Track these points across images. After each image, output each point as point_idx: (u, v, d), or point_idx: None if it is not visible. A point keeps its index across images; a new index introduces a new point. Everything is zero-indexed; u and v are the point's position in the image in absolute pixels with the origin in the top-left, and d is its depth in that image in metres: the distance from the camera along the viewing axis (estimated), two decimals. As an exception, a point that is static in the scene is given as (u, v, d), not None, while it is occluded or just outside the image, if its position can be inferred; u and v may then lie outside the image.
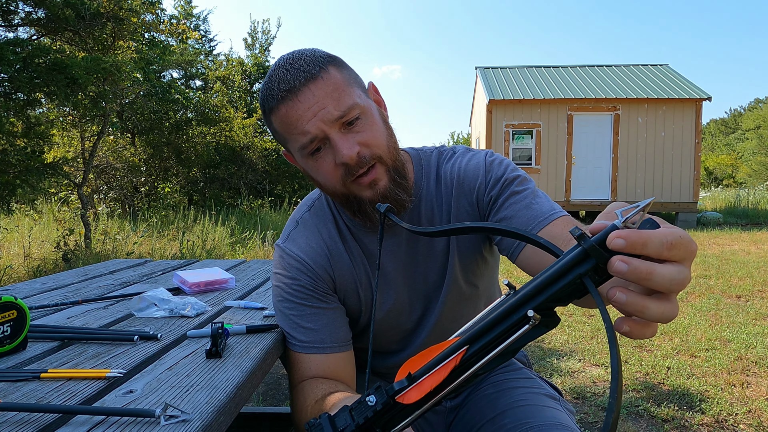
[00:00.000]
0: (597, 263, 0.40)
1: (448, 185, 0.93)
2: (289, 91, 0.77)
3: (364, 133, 0.80)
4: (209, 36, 16.28)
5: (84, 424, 0.62)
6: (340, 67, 0.82)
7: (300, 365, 0.91)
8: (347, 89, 0.79)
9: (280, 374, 2.75)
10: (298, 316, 0.91)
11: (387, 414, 0.49)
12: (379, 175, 0.82)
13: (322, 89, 0.77)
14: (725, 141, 43.60)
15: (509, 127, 12.30)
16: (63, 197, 8.49)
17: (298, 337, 0.91)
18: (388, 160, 0.83)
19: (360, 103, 0.79)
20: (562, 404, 0.98)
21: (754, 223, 11.35)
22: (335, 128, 0.78)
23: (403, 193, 0.85)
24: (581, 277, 0.41)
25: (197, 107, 10.83)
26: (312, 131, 0.78)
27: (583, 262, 0.40)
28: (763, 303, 4.14)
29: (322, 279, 0.92)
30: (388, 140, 0.83)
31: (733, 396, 2.39)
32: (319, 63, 0.79)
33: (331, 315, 0.92)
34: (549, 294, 0.42)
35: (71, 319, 1.12)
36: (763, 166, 30.30)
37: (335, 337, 0.91)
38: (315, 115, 0.77)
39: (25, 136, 5.56)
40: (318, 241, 0.93)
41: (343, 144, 0.78)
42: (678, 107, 11.92)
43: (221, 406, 0.67)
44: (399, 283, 0.95)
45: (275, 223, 8.14)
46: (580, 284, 0.41)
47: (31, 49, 4.98)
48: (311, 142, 0.79)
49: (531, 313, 0.42)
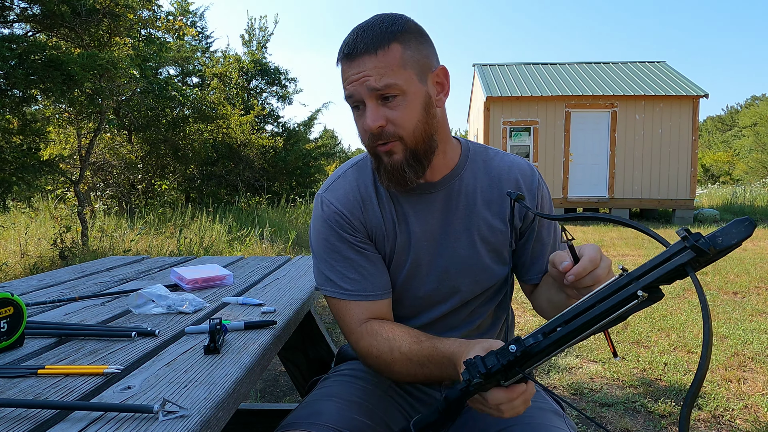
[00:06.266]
0: (696, 256, 0.55)
1: (495, 178, 1.02)
2: (349, 54, 0.88)
3: (395, 111, 0.88)
4: (206, 33, 16.17)
5: (81, 420, 0.61)
6: (408, 47, 0.88)
7: (350, 312, 0.97)
8: (397, 70, 0.86)
9: (279, 371, 2.75)
10: (342, 265, 0.98)
11: (523, 359, 0.67)
12: (395, 150, 0.90)
13: (373, 62, 0.86)
14: (722, 138, 43.68)
15: (507, 124, 12.30)
16: (60, 194, 8.46)
17: (343, 286, 0.97)
18: (410, 143, 0.90)
19: (401, 85, 0.87)
20: (567, 422, 0.96)
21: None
22: (372, 98, 0.87)
23: (411, 173, 0.92)
24: (684, 266, 0.56)
25: (194, 104, 10.78)
26: (353, 93, 0.88)
27: (683, 252, 0.56)
28: (759, 299, 4.16)
29: (357, 229, 0.99)
30: (417, 125, 0.90)
31: (730, 392, 2.40)
32: (386, 39, 0.86)
33: (371, 263, 0.98)
34: (657, 275, 0.58)
35: (68, 315, 1.11)
36: (759, 163, 30.38)
37: (377, 284, 0.98)
38: (357, 81, 0.87)
39: (21, 133, 5.53)
40: (354, 193, 1.00)
41: (371, 114, 0.87)
42: (675, 104, 11.93)
43: (219, 401, 0.67)
44: (420, 250, 1.00)
45: (273, 220, 8.13)
46: (678, 271, 0.57)
47: (27, 45, 4.94)
48: (351, 99, 0.90)
49: (640, 293, 0.58)
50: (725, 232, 0.55)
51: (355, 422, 0.91)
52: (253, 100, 14.20)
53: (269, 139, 12.73)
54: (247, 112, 12.68)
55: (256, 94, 14.63)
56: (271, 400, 2.44)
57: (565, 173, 12.13)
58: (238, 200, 10.65)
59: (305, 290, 1.36)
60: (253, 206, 10.32)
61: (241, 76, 13.99)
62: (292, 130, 14.60)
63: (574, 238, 0.74)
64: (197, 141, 11.01)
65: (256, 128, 13.08)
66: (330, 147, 15.65)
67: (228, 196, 11.95)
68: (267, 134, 13.62)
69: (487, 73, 13.91)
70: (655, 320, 3.59)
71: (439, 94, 0.94)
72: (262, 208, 10.15)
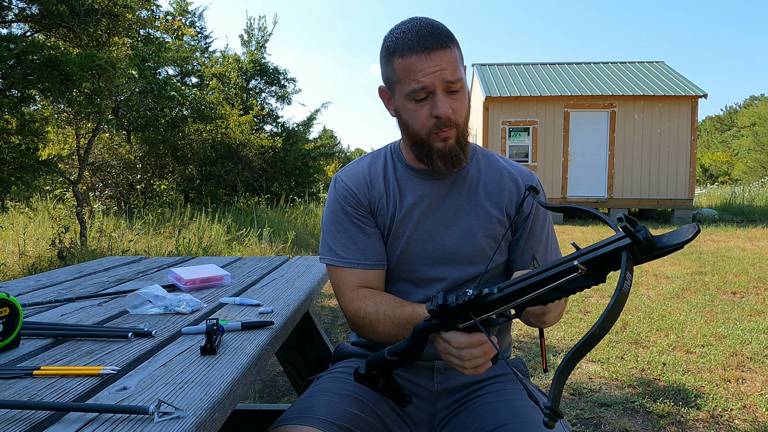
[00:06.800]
0: (632, 243, 0.60)
1: (497, 174, 1.13)
2: (426, 47, 0.96)
3: (457, 102, 1.01)
4: (205, 33, 16.15)
5: (76, 422, 0.61)
6: (458, 48, 1.02)
7: (344, 279, 1.08)
8: (459, 66, 1.00)
9: (277, 371, 2.75)
10: (342, 235, 1.10)
11: (476, 303, 0.75)
12: (452, 135, 1.03)
13: (448, 58, 0.97)
14: (721, 138, 43.71)
15: (506, 124, 12.30)
16: (58, 195, 8.44)
17: (340, 254, 1.09)
18: (462, 129, 1.04)
19: (464, 80, 1.02)
20: (562, 420, 0.98)
21: (749, 220, 11.40)
22: (442, 89, 0.99)
23: (461, 154, 1.05)
24: (621, 250, 0.61)
25: (193, 104, 10.75)
26: (428, 84, 0.97)
27: (621, 239, 0.61)
28: (758, 299, 4.16)
29: (360, 203, 1.11)
30: (467, 116, 1.05)
31: (729, 392, 2.40)
32: (451, 38, 0.99)
33: (367, 237, 1.09)
34: (594, 255, 0.63)
35: (65, 316, 1.11)
36: (758, 163, 30.41)
37: (369, 256, 1.09)
38: (435, 73, 0.97)
39: (19, 133, 5.51)
40: (364, 173, 1.13)
41: (443, 103, 0.99)
42: (674, 104, 11.94)
43: (215, 402, 0.67)
44: (419, 226, 1.09)
45: (272, 220, 8.12)
46: (618, 258, 0.62)
47: (25, 45, 4.93)
48: (422, 90, 0.98)
49: (577, 263, 0.64)
50: (673, 234, 0.61)
51: (347, 414, 0.93)
52: (252, 100, 14.19)
53: (268, 139, 12.71)
54: (246, 112, 12.66)
55: (255, 94, 14.62)
56: (270, 400, 2.43)
57: (564, 173, 12.13)
58: (237, 200, 10.65)
59: (303, 290, 1.35)
60: (252, 206, 10.31)
61: (240, 76, 13.98)
62: (291, 130, 14.59)
63: None
64: (196, 141, 11.00)
65: (255, 128, 13.07)
66: (329, 147, 15.65)
67: (227, 196, 11.94)
68: (266, 134, 13.59)
69: (486, 73, 13.91)
70: (654, 320, 3.59)
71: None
72: (261, 208, 10.15)
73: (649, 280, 4.96)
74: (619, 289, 0.58)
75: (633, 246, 0.61)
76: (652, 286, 4.70)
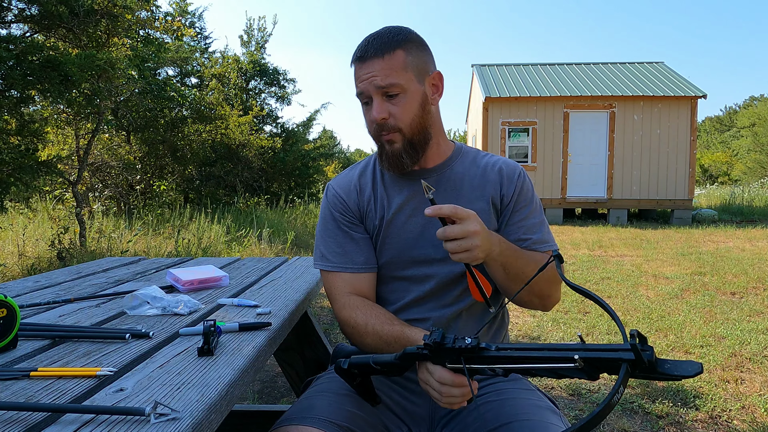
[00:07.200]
0: (635, 360, 0.62)
1: (481, 169, 1.14)
2: (360, 57, 1.04)
3: (396, 107, 1.03)
4: (205, 33, 16.14)
5: (73, 423, 0.61)
6: (409, 53, 1.04)
7: (335, 283, 1.11)
8: (399, 72, 1.02)
9: (276, 372, 2.75)
10: (332, 239, 1.13)
11: (470, 353, 0.76)
12: (395, 139, 1.05)
13: (380, 65, 1.01)
14: (720, 138, 43.71)
15: (505, 125, 12.30)
16: (58, 195, 8.44)
17: (330, 258, 1.12)
18: (408, 134, 1.05)
19: (402, 84, 1.02)
20: (563, 420, 0.98)
21: (748, 220, 11.40)
22: (378, 94, 1.03)
23: (407, 159, 1.07)
24: (620, 360, 0.64)
25: (193, 105, 10.75)
26: (363, 90, 1.04)
27: (626, 351, 0.63)
28: (757, 299, 4.16)
29: (349, 210, 1.14)
30: (414, 119, 1.05)
31: (727, 392, 2.40)
32: (392, 46, 1.02)
33: (354, 242, 1.12)
34: (596, 356, 0.66)
35: (63, 317, 1.11)
36: (757, 163, 30.41)
37: (356, 260, 1.11)
38: (367, 80, 1.03)
39: (18, 133, 5.51)
40: (354, 181, 1.17)
41: (377, 108, 1.03)
42: (673, 105, 11.94)
43: (212, 403, 0.67)
44: (406, 226, 1.10)
45: (272, 221, 8.12)
46: (616, 366, 0.64)
47: (25, 46, 4.93)
48: (362, 95, 1.06)
49: (577, 356, 0.67)
50: (676, 364, 0.63)
51: (347, 413, 0.94)
52: (252, 100, 14.18)
53: (268, 140, 12.71)
54: (245, 112, 12.66)
55: (254, 94, 14.63)
56: (269, 401, 2.43)
57: (564, 174, 12.13)
58: (237, 201, 10.65)
59: (302, 291, 1.35)
60: (251, 207, 10.31)
61: (239, 77, 13.98)
62: (291, 130, 14.59)
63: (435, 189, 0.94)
64: (196, 141, 11.00)
65: (254, 129, 13.07)
66: (329, 147, 15.65)
67: (226, 197, 11.94)
68: (266, 135, 13.59)
69: (486, 74, 13.92)
70: (653, 321, 3.59)
71: (434, 94, 1.09)
72: (261, 208, 10.15)
73: (649, 281, 4.96)
74: (609, 399, 0.60)
75: (634, 362, 0.63)
76: (651, 287, 4.70)
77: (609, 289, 4.61)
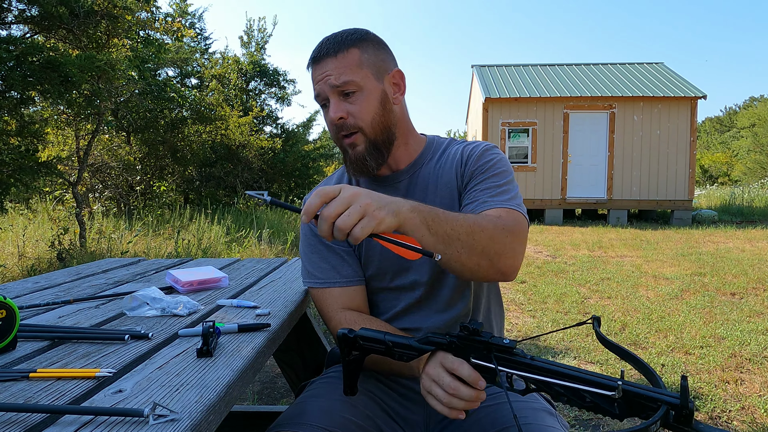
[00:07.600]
0: (679, 407, 0.59)
1: (448, 160, 1.09)
2: (315, 58, 1.01)
3: (354, 105, 0.99)
4: (205, 34, 16.16)
5: (72, 424, 0.61)
6: (365, 51, 1.01)
7: (326, 300, 1.07)
8: (355, 69, 0.98)
9: (276, 373, 2.75)
10: (316, 255, 1.09)
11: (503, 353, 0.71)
12: (357, 141, 1.02)
13: (334, 64, 0.98)
14: (720, 139, 43.72)
15: (505, 125, 12.31)
16: (58, 196, 8.44)
17: (316, 275, 1.09)
18: (369, 134, 1.01)
19: (358, 82, 0.99)
20: (559, 420, 0.97)
21: (748, 221, 11.40)
22: (334, 94, 0.99)
23: (372, 162, 1.03)
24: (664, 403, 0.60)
25: (193, 105, 10.76)
26: (319, 91, 1.01)
27: (672, 396, 0.60)
28: (757, 300, 4.16)
29: None
30: (374, 118, 1.00)
31: (727, 393, 2.40)
32: (345, 44, 0.99)
33: (337, 255, 1.09)
34: (640, 393, 0.62)
35: (62, 318, 1.11)
36: (757, 164, 30.42)
37: (342, 273, 1.08)
38: (322, 80, 0.99)
39: (18, 134, 5.52)
40: None
41: (333, 107, 0.99)
42: (673, 105, 11.95)
43: (211, 405, 0.67)
44: (382, 248, 1.03)
45: (271, 221, 8.13)
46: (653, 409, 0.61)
47: (25, 47, 4.93)
48: (319, 98, 1.02)
49: (619, 383, 0.63)
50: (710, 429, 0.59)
51: (340, 419, 0.93)
52: (252, 101, 14.19)
53: (268, 141, 12.72)
54: (245, 113, 12.68)
55: (254, 95, 14.64)
56: (269, 402, 2.43)
57: (564, 174, 12.14)
58: (237, 201, 10.65)
59: (301, 292, 1.35)
60: (251, 208, 10.32)
61: (239, 78, 13.99)
62: (291, 131, 14.61)
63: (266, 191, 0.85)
64: (196, 142, 11.01)
65: (254, 129, 13.09)
66: (329, 148, 15.65)
67: (226, 198, 11.95)
68: (266, 135, 13.61)
69: (486, 75, 13.92)
70: (653, 321, 3.59)
71: (396, 93, 1.06)
72: (261, 209, 10.15)
73: (649, 281, 4.96)
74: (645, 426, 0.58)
75: (676, 408, 0.60)
76: (651, 287, 4.70)
77: (609, 290, 4.61)
